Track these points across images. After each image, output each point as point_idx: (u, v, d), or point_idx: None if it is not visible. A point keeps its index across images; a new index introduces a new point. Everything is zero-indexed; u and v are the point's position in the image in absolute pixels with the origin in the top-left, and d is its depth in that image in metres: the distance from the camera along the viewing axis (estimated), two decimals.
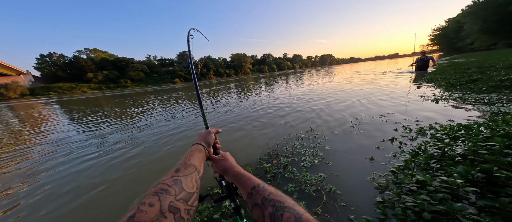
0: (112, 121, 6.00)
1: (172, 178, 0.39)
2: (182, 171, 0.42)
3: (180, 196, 0.36)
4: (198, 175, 0.45)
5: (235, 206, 0.58)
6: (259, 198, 0.41)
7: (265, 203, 0.39)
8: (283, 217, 0.34)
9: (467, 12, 34.84)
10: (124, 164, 2.66)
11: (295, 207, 0.36)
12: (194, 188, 0.40)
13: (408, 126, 2.70)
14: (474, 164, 1.42)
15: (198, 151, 0.54)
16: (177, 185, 0.37)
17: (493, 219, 1.02)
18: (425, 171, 1.53)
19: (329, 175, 1.84)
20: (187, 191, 0.38)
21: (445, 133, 2.16)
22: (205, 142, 0.59)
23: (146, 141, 3.57)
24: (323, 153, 2.27)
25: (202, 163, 0.52)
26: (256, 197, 0.41)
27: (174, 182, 0.38)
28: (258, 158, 2.37)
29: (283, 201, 0.38)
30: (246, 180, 0.48)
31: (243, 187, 0.47)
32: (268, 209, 0.37)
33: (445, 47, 56.19)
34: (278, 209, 0.36)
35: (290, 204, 0.36)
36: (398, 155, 1.98)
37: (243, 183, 0.48)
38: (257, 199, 0.41)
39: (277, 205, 0.36)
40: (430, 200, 1.21)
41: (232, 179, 0.53)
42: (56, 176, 2.49)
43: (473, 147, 1.59)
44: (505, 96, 3.37)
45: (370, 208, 1.41)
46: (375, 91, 6.07)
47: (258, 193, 0.42)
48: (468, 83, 4.76)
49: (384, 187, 1.55)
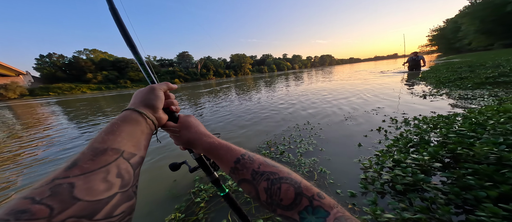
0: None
1: (50, 185, 0.20)
2: (83, 165, 0.23)
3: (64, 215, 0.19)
4: (128, 164, 0.27)
5: (213, 179, 0.48)
6: (248, 172, 0.34)
7: (256, 178, 0.33)
8: (281, 189, 0.30)
9: (465, 12, 35.28)
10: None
11: (291, 176, 0.32)
12: (116, 187, 0.24)
13: (395, 117, 2.95)
14: (443, 146, 1.66)
15: (131, 122, 0.32)
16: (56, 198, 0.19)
17: (451, 188, 1.24)
18: (402, 153, 1.76)
19: (321, 159, 2.07)
20: (94, 199, 0.21)
21: (426, 122, 2.40)
22: (145, 105, 0.37)
23: None
24: (317, 141, 2.50)
25: (143, 141, 0.32)
26: (243, 171, 0.34)
27: (52, 192, 0.19)
28: (257, 146, 2.60)
29: (277, 171, 0.33)
30: (225, 153, 0.38)
31: (223, 161, 0.38)
32: (262, 184, 0.32)
33: (443, 47, 56.71)
34: (274, 182, 0.31)
35: (285, 173, 0.33)
36: (382, 141, 2.22)
37: (222, 157, 0.38)
38: (245, 174, 0.34)
39: (272, 178, 0.32)
40: (402, 174, 1.43)
41: (204, 152, 0.41)
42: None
43: (446, 132, 1.83)
44: (488, 91, 3.62)
45: (355, 184, 1.64)
46: (370, 89, 6.33)
47: (244, 166, 0.35)
48: (456, 81, 5.02)
49: (367, 167, 1.78)
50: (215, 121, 4.56)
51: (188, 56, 74.53)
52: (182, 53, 74.71)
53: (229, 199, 0.50)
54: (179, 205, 1.58)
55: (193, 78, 67.26)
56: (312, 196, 0.29)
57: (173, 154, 2.68)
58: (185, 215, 1.47)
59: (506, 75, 4.34)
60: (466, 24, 35.08)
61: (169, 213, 1.50)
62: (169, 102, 0.43)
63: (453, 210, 1.05)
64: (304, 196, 0.29)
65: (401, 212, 1.15)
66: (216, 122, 4.42)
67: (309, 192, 0.30)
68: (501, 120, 1.75)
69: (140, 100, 0.37)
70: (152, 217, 1.52)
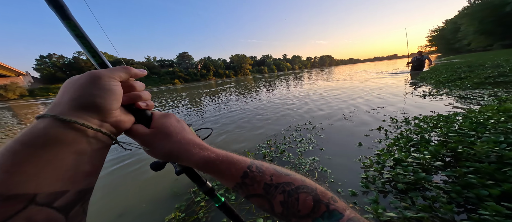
0: None
1: None
2: None
3: None
4: (49, 211, 0.18)
5: (206, 190, 0.40)
6: (259, 186, 0.30)
7: (270, 191, 0.29)
8: (299, 200, 0.28)
9: (464, 13, 35.41)
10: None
11: (306, 183, 0.30)
12: None
13: (395, 117, 2.95)
14: (444, 145, 1.65)
15: (50, 142, 0.19)
16: None
17: (452, 186, 1.24)
18: (403, 152, 1.76)
19: (321, 158, 2.06)
20: None
21: (426, 121, 2.40)
22: (82, 106, 0.22)
23: None
24: (317, 141, 2.50)
25: (85, 165, 0.21)
26: (254, 186, 0.30)
27: None
28: (257, 145, 2.59)
29: (292, 181, 0.30)
30: (226, 167, 0.31)
31: (225, 177, 0.31)
32: (278, 197, 0.28)
33: (443, 48, 56.90)
34: (291, 193, 0.28)
35: (300, 181, 0.30)
36: (383, 140, 2.22)
37: (223, 172, 0.31)
38: (256, 189, 0.30)
39: (288, 189, 0.29)
40: (403, 172, 1.43)
41: (197, 168, 0.32)
42: None
43: (446, 131, 1.83)
44: (487, 91, 3.63)
45: (355, 183, 1.63)
46: (371, 89, 6.34)
47: (254, 180, 0.30)
48: (456, 81, 5.04)
49: (368, 166, 1.78)
50: (214, 120, 4.56)
51: (188, 56, 74.66)
52: (182, 54, 74.84)
53: (226, 208, 0.41)
54: (180, 204, 1.57)
55: (193, 78, 67.35)
56: (328, 202, 0.28)
57: None
58: (185, 214, 1.46)
59: (505, 75, 4.36)
60: (465, 25, 35.21)
61: (170, 212, 1.49)
62: (133, 96, 0.29)
63: (455, 209, 1.05)
64: (322, 202, 0.28)
65: (403, 211, 1.14)
66: (215, 121, 4.42)
67: (326, 198, 0.29)
68: (501, 119, 1.75)
69: (72, 98, 0.22)
70: (152, 216, 1.52)
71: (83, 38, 0.28)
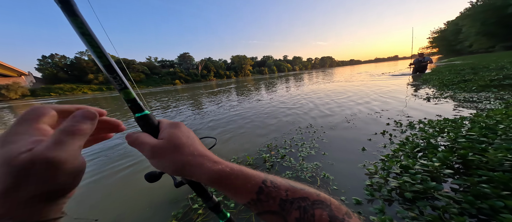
0: None
1: None
2: None
3: None
4: None
5: (212, 205, 0.37)
6: (275, 202, 0.28)
7: (286, 208, 0.27)
8: (315, 217, 0.26)
9: (466, 14, 35.30)
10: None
11: (320, 197, 0.28)
12: None
13: (399, 121, 2.88)
14: (453, 151, 1.58)
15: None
16: None
17: (464, 196, 1.17)
18: (409, 158, 1.69)
19: (324, 164, 2.00)
20: None
21: (432, 126, 2.33)
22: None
23: None
24: (319, 145, 2.43)
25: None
26: (269, 202, 0.28)
27: None
28: (257, 149, 2.53)
29: (307, 196, 0.28)
30: (242, 183, 0.29)
31: (238, 193, 0.29)
32: (293, 214, 0.27)
33: (444, 49, 56.69)
34: (306, 209, 0.27)
35: (315, 196, 0.28)
36: (388, 145, 2.15)
37: (237, 188, 0.29)
38: (271, 205, 0.28)
39: (304, 205, 0.27)
40: (411, 181, 1.36)
41: (209, 183, 0.29)
42: None
43: (454, 136, 1.76)
44: (493, 94, 3.55)
45: (360, 190, 1.56)
46: (373, 91, 6.27)
47: (270, 196, 0.28)
48: (460, 83, 4.95)
49: (373, 173, 1.71)
50: (215, 122, 4.50)
51: (189, 57, 74.89)
52: (183, 55, 75.09)
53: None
54: (177, 211, 1.51)
55: (194, 79, 67.50)
56: (343, 218, 0.27)
57: None
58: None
59: (511, 78, 4.27)
60: (467, 26, 35.08)
61: (166, 220, 1.43)
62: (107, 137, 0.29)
63: (468, 220, 0.98)
64: (337, 219, 0.27)
65: (411, 221, 1.08)
66: (216, 123, 4.37)
67: (341, 213, 0.27)
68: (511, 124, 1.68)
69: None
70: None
71: (89, 36, 0.26)
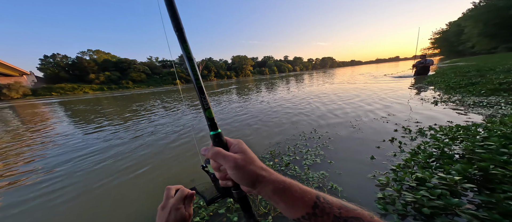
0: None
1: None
2: None
3: None
4: None
5: (253, 220, 0.38)
6: (329, 219, 0.28)
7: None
8: None
9: (468, 15, 35.04)
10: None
11: (374, 220, 0.28)
12: None
13: (408, 126, 2.76)
14: (472, 162, 1.47)
15: None
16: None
17: (489, 214, 1.06)
18: (424, 169, 1.58)
19: (331, 173, 1.89)
20: None
21: (444, 133, 2.22)
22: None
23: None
24: (325, 152, 2.33)
25: None
26: (324, 218, 0.28)
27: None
28: (260, 156, 2.43)
29: (360, 217, 0.28)
30: (300, 195, 0.29)
31: (295, 205, 0.29)
32: None
33: (446, 50, 56.35)
34: None
35: (368, 218, 0.28)
36: (398, 154, 2.04)
37: (296, 200, 0.29)
38: (325, 221, 0.28)
39: None
40: (429, 195, 1.26)
41: (272, 194, 0.30)
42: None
43: (471, 146, 1.65)
44: (503, 99, 3.42)
45: (371, 204, 1.46)
46: (377, 93, 6.15)
47: (324, 212, 0.28)
48: (467, 87, 4.82)
49: (384, 184, 1.60)
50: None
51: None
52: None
53: None
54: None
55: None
56: None
57: (167, 171, 2.51)
58: None
59: None
60: (470, 27, 34.81)
61: None
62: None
63: None
64: None
65: None
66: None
67: None
68: None
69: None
70: None
71: (192, 61, 0.34)
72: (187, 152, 2.89)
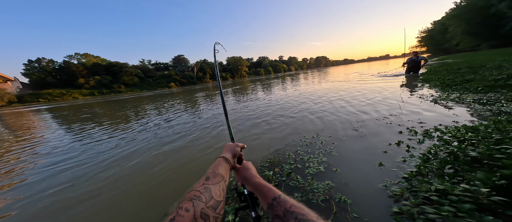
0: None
1: (203, 186, 0.43)
2: (212, 179, 0.46)
3: (210, 203, 0.39)
4: (224, 184, 0.49)
5: (255, 215, 0.57)
6: (280, 209, 0.41)
7: (286, 215, 0.38)
8: None
9: (451, 15, 36.62)
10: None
11: (320, 220, 0.36)
12: (221, 196, 0.44)
13: (412, 128, 2.64)
14: (493, 170, 1.34)
15: (225, 162, 0.58)
16: (207, 193, 0.41)
17: None
18: (441, 178, 1.43)
19: (337, 183, 1.71)
20: (216, 199, 0.41)
21: (453, 135, 2.09)
22: (232, 154, 0.64)
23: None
24: (328, 159, 2.15)
25: (228, 173, 0.56)
26: (277, 208, 0.42)
27: (205, 189, 0.42)
28: (259, 165, 2.22)
29: (305, 213, 0.37)
30: (266, 191, 0.48)
31: (264, 198, 0.48)
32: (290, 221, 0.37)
33: (433, 48, 58.59)
34: (301, 221, 0.36)
35: (314, 218, 0.36)
36: (407, 159, 1.89)
37: (264, 194, 0.48)
38: (278, 211, 0.41)
39: (300, 218, 0.36)
40: (456, 211, 1.09)
41: (253, 188, 0.55)
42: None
43: (487, 151, 1.52)
44: (503, 96, 3.39)
45: (387, 219, 1.29)
46: (373, 92, 6.09)
47: (279, 204, 0.42)
48: (463, 83, 4.83)
49: (399, 196, 1.43)
50: (209, 131, 4.15)
51: (183, 59, 73.66)
52: (177, 57, 73.79)
53: None
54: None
55: (190, 81, 66.42)
56: None
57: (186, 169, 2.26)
58: None
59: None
60: (453, 26, 36.39)
61: None
62: (240, 153, 0.71)
63: None
64: None
65: None
66: (211, 131, 4.02)
67: None
68: None
69: (229, 150, 0.66)
70: None
71: (229, 127, 0.85)
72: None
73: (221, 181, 0.48)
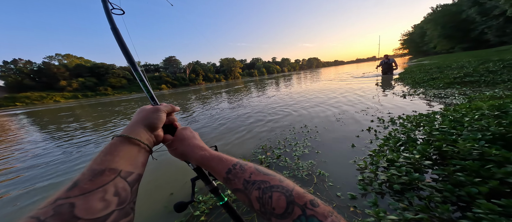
0: None
1: (55, 203, 0.23)
2: (85, 184, 0.25)
3: None
4: (125, 183, 0.29)
5: (211, 189, 0.48)
6: (239, 182, 0.34)
7: (248, 187, 0.33)
8: (273, 198, 0.30)
9: (428, 19, 39.80)
10: None
11: (283, 183, 0.32)
12: (113, 205, 0.26)
13: (381, 117, 3.11)
14: (430, 143, 1.76)
15: (125, 143, 0.33)
16: (59, 217, 0.21)
17: (444, 185, 1.30)
18: (393, 152, 1.84)
19: (318, 162, 2.07)
20: (93, 217, 0.23)
21: (410, 121, 2.56)
22: (145, 124, 0.39)
23: None
24: (312, 144, 2.52)
25: (140, 159, 0.34)
26: (235, 181, 0.34)
27: (55, 211, 0.22)
28: (252, 151, 2.53)
29: (268, 180, 0.33)
30: (216, 164, 0.38)
31: (215, 172, 0.38)
32: (254, 193, 0.32)
33: (413, 51, 62.86)
34: (265, 191, 0.31)
35: (277, 181, 0.32)
36: (373, 141, 2.31)
37: (214, 168, 0.38)
38: (237, 184, 0.34)
39: (263, 187, 0.32)
40: (397, 173, 1.48)
41: (198, 164, 0.43)
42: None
43: (429, 130, 1.96)
44: (457, 91, 4.03)
45: (353, 185, 1.65)
46: (355, 90, 6.70)
47: (236, 176, 0.35)
48: (429, 81, 5.54)
49: (363, 168, 1.82)
50: (206, 128, 4.39)
51: (175, 61, 72.15)
52: (168, 58, 72.10)
53: (228, 207, 0.49)
54: (179, 219, 1.46)
55: (182, 83, 65.07)
56: (304, 205, 0.28)
57: (171, 167, 2.48)
58: None
59: (470, 75, 4.91)
60: (431, 29, 39.56)
61: None
62: (171, 119, 0.48)
63: (451, 208, 1.08)
64: (296, 204, 0.29)
65: (403, 212, 1.16)
66: (208, 129, 4.26)
67: (301, 200, 0.29)
68: (475, 116, 1.93)
69: (142, 118, 0.40)
70: None
71: (143, 82, 0.47)
72: None
73: (114, 179, 0.28)
